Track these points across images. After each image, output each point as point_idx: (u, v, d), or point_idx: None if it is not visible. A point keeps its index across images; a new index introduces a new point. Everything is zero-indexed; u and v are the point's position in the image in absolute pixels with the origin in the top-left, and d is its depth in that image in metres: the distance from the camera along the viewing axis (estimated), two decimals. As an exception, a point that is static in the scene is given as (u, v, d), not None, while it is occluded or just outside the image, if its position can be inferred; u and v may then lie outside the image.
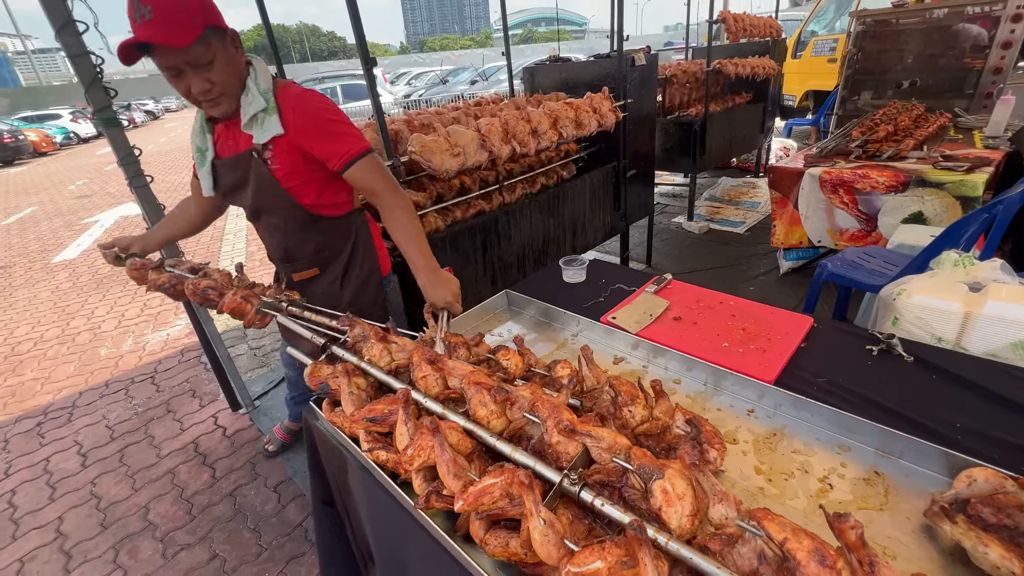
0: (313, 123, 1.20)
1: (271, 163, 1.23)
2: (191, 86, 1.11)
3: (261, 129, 1.19)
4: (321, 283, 1.45)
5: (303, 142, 1.20)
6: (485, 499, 0.64)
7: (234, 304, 1.20)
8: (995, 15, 3.82)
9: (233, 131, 1.25)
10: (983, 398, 0.95)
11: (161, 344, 3.30)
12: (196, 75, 1.10)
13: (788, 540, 0.52)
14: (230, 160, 1.28)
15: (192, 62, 1.08)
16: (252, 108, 1.18)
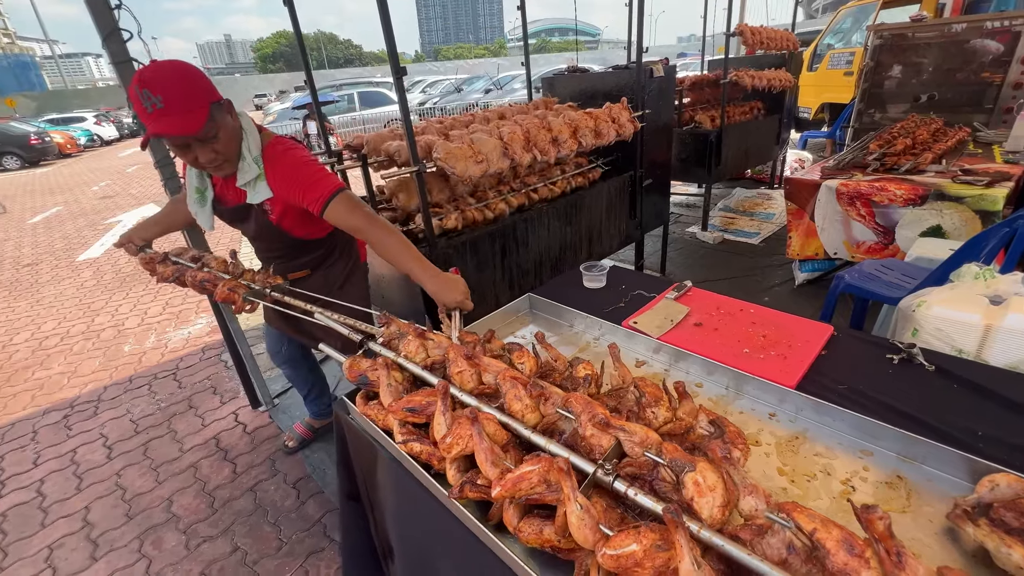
0: (290, 179, 1.33)
1: (270, 214, 1.43)
2: (198, 157, 1.26)
3: (255, 192, 1.36)
4: (314, 280, 1.63)
5: (287, 197, 1.36)
6: (523, 485, 0.67)
7: (224, 295, 1.36)
8: (1015, 30, 3.82)
9: (231, 183, 1.40)
10: (1003, 407, 0.96)
11: (183, 342, 3.38)
12: (203, 148, 1.24)
13: (818, 530, 0.54)
14: (233, 208, 1.46)
15: (200, 139, 1.21)
16: (247, 176, 1.33)
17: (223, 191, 1.45)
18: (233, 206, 1.45)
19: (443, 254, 1.99)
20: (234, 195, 1.43)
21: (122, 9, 1.78)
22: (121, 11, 1.77)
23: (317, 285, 1.59)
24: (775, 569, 0.53)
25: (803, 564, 0.55)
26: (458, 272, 1.33)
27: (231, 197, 1.44)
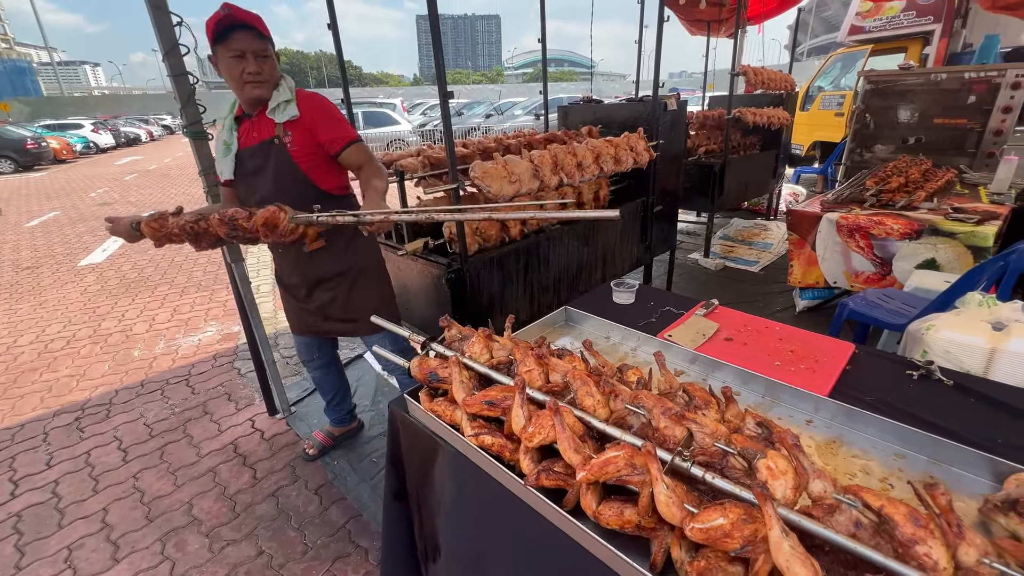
0: (319, 111, 1.59)
1: (290, 146, 1.57)
2: (247, 67, 1.49)
3: (283, 113, 1.56)
4: (330, 252, 1.72)
5: (313, 124, 1.57)
6: (609, 468, 0.74)
7: (267, 214, 1.33)
8: (994, 81, 4.10)
9: (258, 124, 1.59)
10: (1017, 419, 1.06)
11: (193, 349, 3.38)
12: (255, 61, 1.50)
13: (885, 506, 0.62)
14: (253, 147, 1.60)
15: (257, 52, 1.50)
16: (281, 97, 1.56)
17: (247, 136, 1.62)
18: (257, 143, 1.59)
19: (473, 268, 2.08)
20: (259, 132, 1.59)
21: (182, 26, 1.88)
22: (182, 29, 1.87)
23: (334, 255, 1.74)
24: (850, 541, 0.61)
25: (871, 538, 0.63)
26: None
27: (256, 135, 1.60)
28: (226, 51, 1.48)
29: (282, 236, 1.37)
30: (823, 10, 20.45)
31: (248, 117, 1.63)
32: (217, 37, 1.47)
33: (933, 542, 0.58)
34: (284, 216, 1.35)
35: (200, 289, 4.49)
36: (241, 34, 1.47)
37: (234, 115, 1.65)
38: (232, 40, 1.47)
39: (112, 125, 24.34)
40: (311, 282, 1.79)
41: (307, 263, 1.75)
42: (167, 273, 4.97)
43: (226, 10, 1.45)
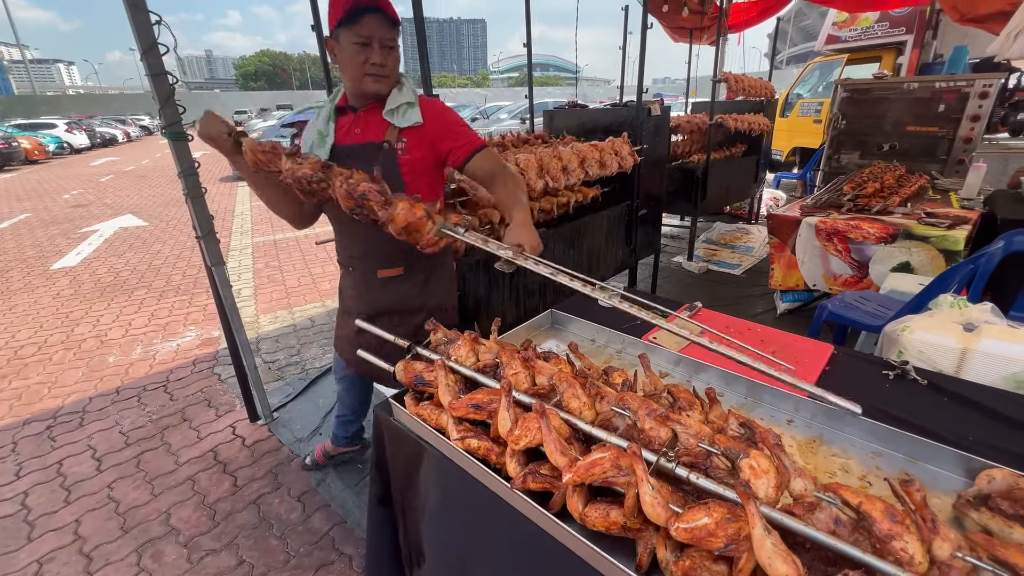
0: (443, 118, 1.42)
1: (401, 153, 1.38)
2: (371, 57, 1.29)
3: (403, 118, 1.37)
4: (405, 281, 1.52)
5: (435, 135, 1.39)
6: (595, 470, 0.74)
7: (411, 219, 1.10)
8: (964, 91, 4.25)
9: (364, 121, 1.40)
10: (987, 417, 1.09)
11: (171, 354, 3.30)
12: (381, 51, 1.31)
13: (863, 503, 0.64)
14: (355, 146, 1.39)
15: (384, 41, 1.30)
16: (401, 99, 1.37)
17: (348, 132, 1.41)
18: (360, 143, 1.39)
19: (459, 271, 2.07)
20: (364, 130, 1.40)
21: (161, 25, 1.85)
22: (161, 28, 1.83)
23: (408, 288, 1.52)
24: (830, 538, 0.62)
25: (849, 535, 0.65)
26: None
27: (359, 132, 1.40)
28: (351, 35, 1.27)
29: (418, 243, 1.17)
30: (801, 20, 21.05)
31: (352, 110, 1.42)
32: (345, 18, 1.25)
33: (909, 537, 0.60)
34: (431, 226, 1.13)
35: (179, 293, 4.39)
36: (372, 18, 1.26)
37: (335, 104, 1.43)
38: (361, 24, 1.26)
39: (87, 125, 23.71)
40: (374, 312, 1.52)
41: (376, 289, 1.52)
42: (144, 277, 4.85)
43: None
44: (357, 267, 1.54)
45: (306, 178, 1.17)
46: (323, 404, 2.64)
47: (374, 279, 1.50)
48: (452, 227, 1.17)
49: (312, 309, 3.92)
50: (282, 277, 4.72)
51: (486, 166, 1.39)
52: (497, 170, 1.39)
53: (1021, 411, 1.09)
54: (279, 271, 4.90)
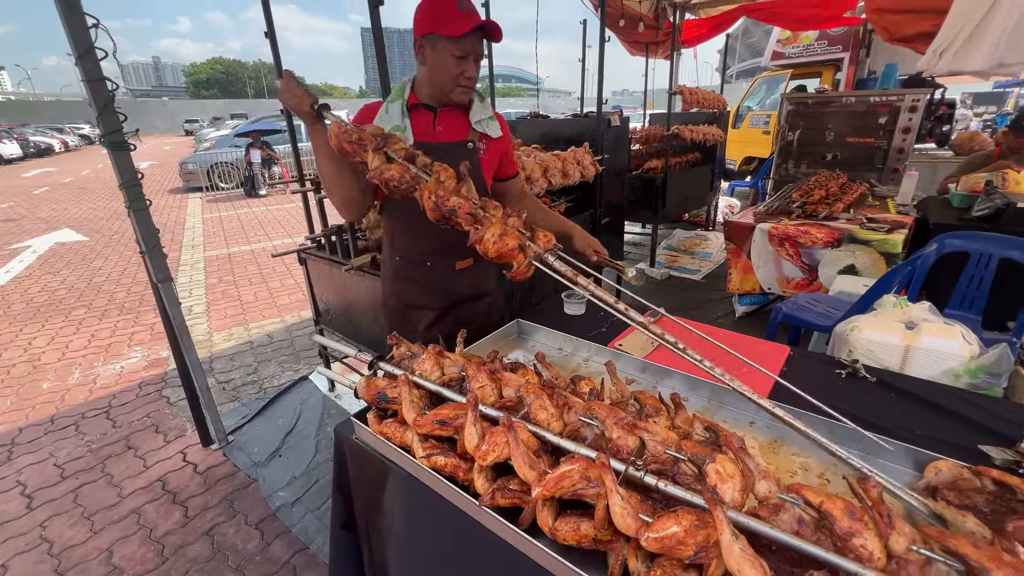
0: (508, 136, 1.59)
1: (483, 156, 1.47)
2: (467, 71, 1.33)
3: (487, 128, 1.48)
4: (475, 270, 1.60)
5: (505, 149, 1.56)
6: (565, 483, 0.73)
7: (503, 250, 1.06)
8: (895, 105, 4.57)
9: (445, 122, 1.43)
10: (931, 411, 1.15)
11: (114, 377, 3.09)
12: (476, 66, 1.36)
13: (824, 502, 0.65)
14: (445, 145, 1.42)
15: (479, 56, 1.35)
16: (485, 114, 1.47)
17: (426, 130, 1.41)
18: (447, 143, 1.43)
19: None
20: (446, 129, 1.43)
21: (98, 28, 1.74)
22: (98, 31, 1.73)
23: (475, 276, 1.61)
24: (794, 539, 0.63)
25: (812, 534, 0.66)
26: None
27: (442, 130, 1.43)
28: (455, 48, 1.28)
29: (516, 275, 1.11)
30: (748, 37, 22.26)
31: (429, 108, 1.42)
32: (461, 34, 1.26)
33: (868, 534, 0.61)
34: (522, 258, 1.08)
35: (123, 312, 4.13)
36: (477, 35, 1.29)
37: (406, 101, 1.41)
38: (466, 40, 1.28)
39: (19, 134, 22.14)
40: (448, 304, 1.58)
41: (452, 280, 1.56)
42: (84, 295, 4.53)
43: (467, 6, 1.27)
44: (435, 262, 1.54)
45: (394, 180, 1.14)
46: (283, 424, 2.52)
47: (452, 272, 1.55)
48: (543, 256, 1.11)
49: (270, 325, 3.76)
50: (237, 292, 4.51)
51: (517, 188, 1.65)
52: (525, 193, 1.65)
53: (960, 404, 1.16)
54: (234, 286, 4.68)
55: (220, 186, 10.65)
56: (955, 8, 2.81)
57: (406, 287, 1.58)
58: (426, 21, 1.28)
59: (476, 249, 1.15)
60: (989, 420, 1.11)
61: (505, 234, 1.10)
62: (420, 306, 1.59)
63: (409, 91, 1.43)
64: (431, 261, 1.53)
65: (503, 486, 0.84)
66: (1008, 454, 0.96)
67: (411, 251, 1.54)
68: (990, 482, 0.84)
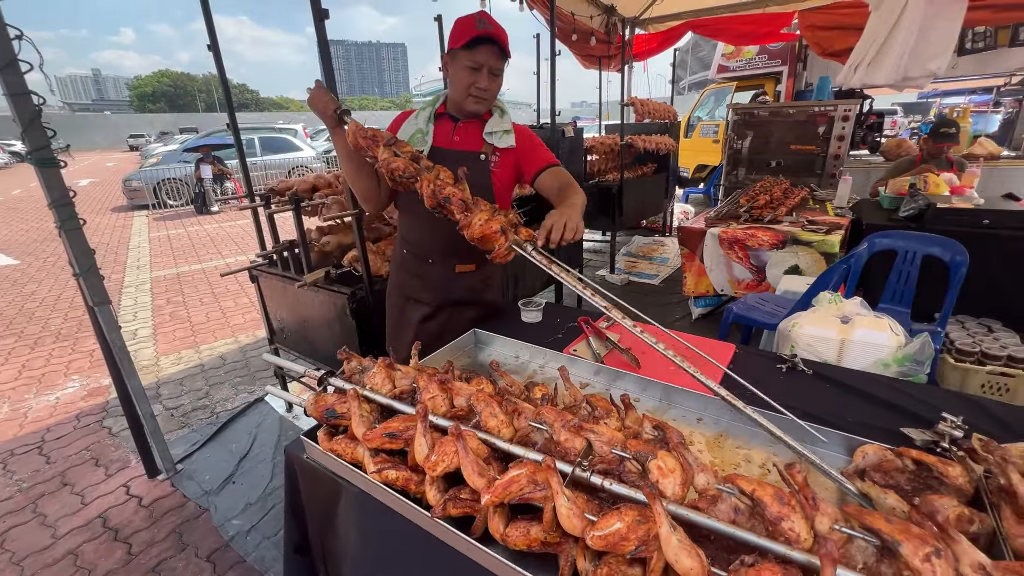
0: (531, 142, 1.60)
1: (494, 166, 1.54)
2: (479, 82, 1.43)
3: (501, 140, 1.53)
4: (476, 276, 1.69)
5: (521, 155, 1.57)
6: (513, 488, 0.74)
7: (487, 231, 1.18)
8: (830, 115, 4.89)
9: (464, 131, 1.54)
10: (862, 399, 1.23)
11: (48, 410, 2.88)
12: (489, 78, 1.44)
13: (756, 489, 0.68)
14: (455, 152, 1.52)
15: (493, 70, 1.44)
16: (502, 127, 1.53)
17: (447, 137, 1.54)
18: (461, 151, 1.53)
19: (379, 296, 2.01)
20: (463, 139, 1.54)
21: (23, 40, 1.65)
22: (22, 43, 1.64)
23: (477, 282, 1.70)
24: (729, 527, 0.66)
25: (747, 521, 0.69)
26: None
27: (458, 140, 1.54)
28: (466, 59, 1.40)
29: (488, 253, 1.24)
30: (698, 51, 23.35)
31: (452, 119, 1.55)
32: (465, 44, 1.38)
33: (795, 516, 0.65)
34: (504, 240, 1.20)
35: (59, 339, 3.86)
36: (486, 48, 1.39)
37: (435, 109, 1.56)
38: (476, 51, 1.39)
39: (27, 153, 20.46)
40: (443, 303, 1.68)
41: (451, 281, 1.66)
42: (14, 323, 4.22)
43: (484, 23, 1.37)
44: (436, 260, 1.64)
45: (399, 171, 1.26)
46: (236, 449, 2.42)
47: (451, 273, 1.64)
48: (522, 243, 1.23)
49: (223, 346, 3.61)
50: (187, 313, 4.31)
51: (553, 181, 1.54)
52: (564, 184, 1.52)
53: (889, 391, 1.24)
54: (183, 307, 4.47)
55: (168, 203, 10.19)
56: (867, 29, 3.08)
57: (408, 280, 1.71)
58: (450, 39, 1.44)
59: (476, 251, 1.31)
60: (913, 405, 1.19)
61: (491, 219, 1.22)
62: (417, 300, 1.71)
63: (441, 102, 1.58)
64: (433, 259, 1.64)
65: (454, 496, 0.83)
66: (927, 435, 1.04)
67: (417, 246, 1.66)
68: (910, 462, 0.90)
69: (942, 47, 2.67)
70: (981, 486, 0.82)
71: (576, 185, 1.53)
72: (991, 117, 9.41)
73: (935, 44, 2.63)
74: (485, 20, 1.39)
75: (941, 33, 2.61)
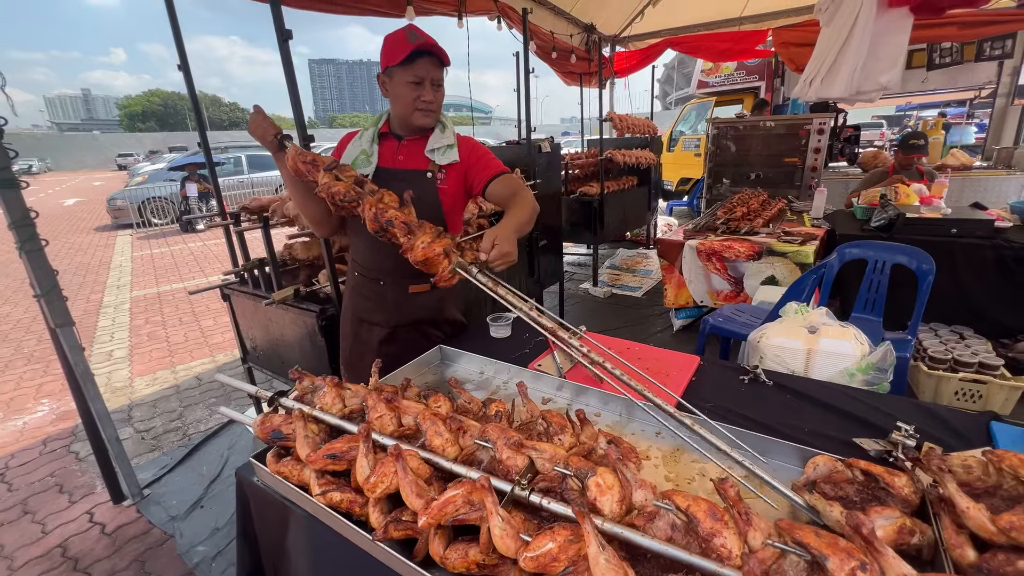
0: (476, 152, 1.56)
1: (440, 183, 1.50)
2: (423, 95, 1.41)
3: (443, 156, 1.50)
4: (432, 295, 1.63)
5: (467, 166, 1.53)
6: (448, 508, 0.72)
7: (429, 254, 1.17)
8: (806, 128, 5.00)
9: (407, 149, 1.52)
10: (821, 409, 1.23)
11: (15, 435, 2.80)
12: (431, 90, 1.42)
13: (691, 506, 0.67)
14: (400, 172, 1.50)
15: (435, 81, 1.42)
16: (444, 141, 1.50)
17: (391, 157, 1.52)
18: (406, 169, 1.50)
19: (350, 313, 1.99)
20: (407, 158, 1.51)
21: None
22: (-17, 63, 1.63)
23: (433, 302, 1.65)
24: (664, 545, 0.65)
25: (683, 537, 0.68)
26: None
27: (402, 159, 1.51)
28: (406, 75, 1.38)
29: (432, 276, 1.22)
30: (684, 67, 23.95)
31: (397, 137, 1.53)
32: (403, 60, 1.35)
33: (727, 532, 0.64)
34: (446, 263, 1.19)
35: (31, 361, 3.78)
36: (425, 60, 1.38)
37: (379, 129, 1.53)
38: (416, 65, 1.37)
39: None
40: (400, 323, 1.63)
41: (405, 302, 1.61)
42: (-14, 345, 4.13)
43: (414, 35, 1.35)
44: (388, 281, 1.60)
45: (339, 195, 1.26)
46: (207, 472, 2.36)
47: (405, 294, 1.59)
48: (467, 266, 1.22)
49: (199, 366, 3.55)
50: (165, 333, 4.25)
51: (503, 190, 1.50)
52: (514, 191, 1.48)
53: (847, 401, 1.24)
54: (162, 327, 4.41)
55: (153, 222, 10.12)
56: (818, 45, 3.19)
57: (361, 302, 1.66)
58: (383, 58, 1.42)
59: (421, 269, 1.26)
60: (870, 414, 1.19)
61: (434, 242, 1.21)
62: (372, 322, 1.66)
63: (384, 121, 1.55)
64: (384, 280, 1.60)
65: (396, 518, 0.82)
66: (880, 445, 1.04)
67: (366, 267, 1.62)
68: (859, 473, 0.90)
69: (891, 62, 2.76)
70: (926, 496, 0.82)
71: (525, 192, 1.50)
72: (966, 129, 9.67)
73: (884, 59, 2.71)
74: (415, 33, 1.38)
75: (890, 48, 2.70)
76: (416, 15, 3.18)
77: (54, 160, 40.68)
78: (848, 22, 2.75)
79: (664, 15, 5.80)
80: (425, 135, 1.52)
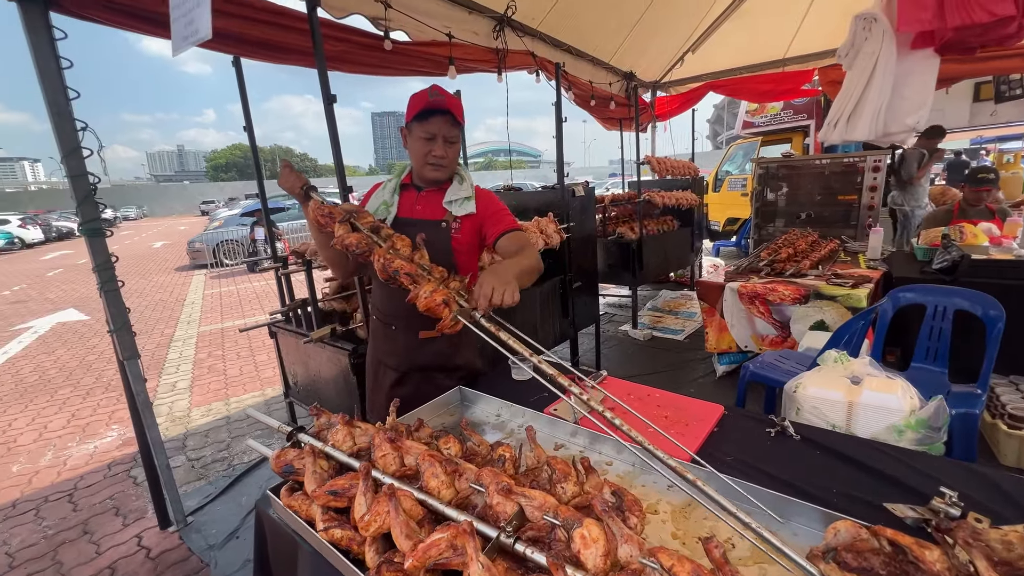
0: (493, 206, 1.63)
1: (455, 232, 1.57)
2: (434, 150, 1.50)
3: (460, 208, 1.58)
4: (443, 341, 1.64)
5: (483, 220, 1.60)
6: (432, 551, 0.73)
7: (431, 304, 1.22)
8: (860, 165, 4.80)
9: (425, 200, 1.60)
10: (853, 467, 1.14)
11: (86, 457, 3.06)
12: (444, 145, 1.51)
13: (674, 566, 0.65)
14: (417, 221, 1.57)
15: (448, 138, 1.51)
16: (461, 194, 1.58)
17: (410, 207, 1.60)
18: (422, 219, 1.58)
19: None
20: (424, 208, 1.60)
21: (87, 131, 1.94)
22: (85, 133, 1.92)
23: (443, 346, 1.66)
24: (643, 605, 0.62)
25: (668, 600, 0.65)
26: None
27: (420, 209, 1.60)
28: (420, 130, 1.49)
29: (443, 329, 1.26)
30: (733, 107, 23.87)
31: (417, 189, 1.63)
32: (417, 115, 1.48)
33: (711, 598, 0.61)
34: (448, 312, 1.23)
35: (109, 390, 4.15)
36: (438, 118, 1.48)
37: (401, 180, 1.64)
38: (429, 122, 1.48)
39: (43, 220, 23.39)
40: (409, 368, 1.68)
41: (415, 348, 1.64)
42: (73, 374, 4.58)
43: (434, 94, 1.47)
44: (400, 327, 1.65)
45: (352, 246, 1.35)
46: (246, 503, 2.46)
47: (415, 339, 1.59)
48: (470, 313, 1.24)
49: (250, 399, 3.76)
50: (224, 367, 4.55)
51: (511, 245, 1.56)
52: (520, 247, 1.54)
53: (883, 460, 1.14)
54: (221, 360, 4.73)
55: (225, 262, 11.04)
56: (842, 88, 3.13)
57: (380, 345, 1.73)
58: (407, 113, 1.52)
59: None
60: (912, 477, 1.09)
61: (436, 291, 1.25)
62: (388, 365, 1.71)
63: (406, 173, 1.66)
64: (395, 324, 1.66)
65: (389, 559, 0.83)
66: (917, 512, 0.94)
67: (382, 312, 1.69)
68: (886, 542, 0.82)
69: (918, 103, 2.68)
70: (963, 573, 0.74)
71: (531, 249, 1.54)
72: (1052, 162, 8.87)
73: (910, 100, 2.61)
74: (436, 91, 1.48)
75: (916, 89, 2.60)
76: (459, 73, 3.42)
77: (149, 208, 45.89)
78: (868, 65, 2.71)
79: (704, 60, 5.88)
80: (443, 187, 1.60)
